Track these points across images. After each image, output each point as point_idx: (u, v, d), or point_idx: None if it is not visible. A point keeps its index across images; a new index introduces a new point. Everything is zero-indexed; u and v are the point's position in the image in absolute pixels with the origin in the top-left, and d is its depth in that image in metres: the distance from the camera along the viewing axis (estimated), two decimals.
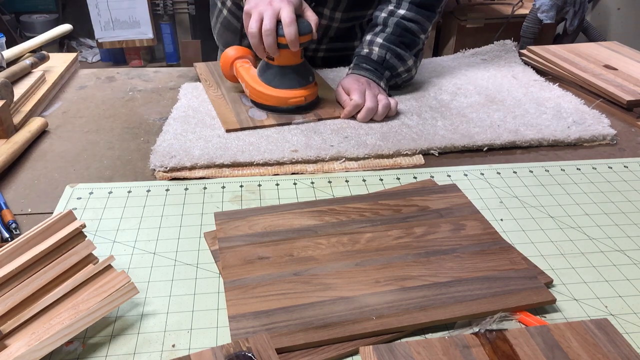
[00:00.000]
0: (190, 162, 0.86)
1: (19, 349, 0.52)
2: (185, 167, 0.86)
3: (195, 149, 0.90)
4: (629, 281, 0.65)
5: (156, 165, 0.86)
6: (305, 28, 0.94)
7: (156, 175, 0.85)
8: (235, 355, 0.52)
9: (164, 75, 1.25)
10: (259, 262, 0.66)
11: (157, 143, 0.92)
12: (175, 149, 0.90)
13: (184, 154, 0.88)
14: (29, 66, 1.13)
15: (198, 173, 0.86)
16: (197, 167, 0.86)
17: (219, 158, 0.87)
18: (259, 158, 0.88)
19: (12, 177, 0.86)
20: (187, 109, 1.04)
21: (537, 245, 0.71)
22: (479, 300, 0.60)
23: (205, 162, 0.86)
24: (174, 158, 0.87)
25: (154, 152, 0.89)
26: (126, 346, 0.56)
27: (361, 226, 0.72)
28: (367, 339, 0.56)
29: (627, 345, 0.54)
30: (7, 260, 0.57)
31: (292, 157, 0.88)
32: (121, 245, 0.71)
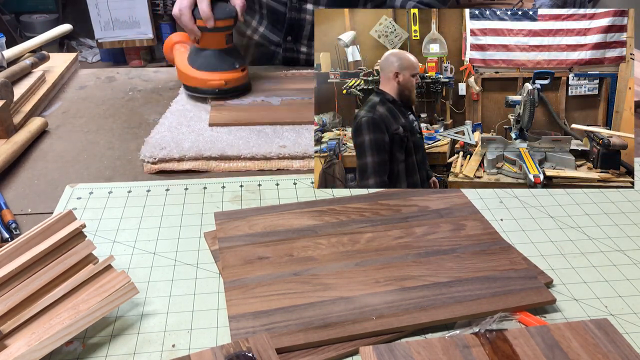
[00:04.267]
0: (179, 154, 0.87)
1: (19, 349, 0.52)
2: (174, 159, 0.87)
3: (185, 142, 0.91)
4: (629, 281, 0.65)
5: (145, 156, 0.87)
6: (228, 12, 1.00)
7: (144, 168, 0.86)
8: (235, 355, 0.52)
9: (164, 75, 1.25)
10: (259, 262, 0.66)
11: (150, 135, 0.94)
12: (167, 141, 0.91)
13: (174, 146, 0.89)
14: (29, 66, 1.13)
15: (185, 165, 0.87)
16: (185, 159, 0.87)
17: (207, 151, 0.88)
18: (247, 152, 0.88)
19: (12, 177, 0.86)
20: (185, 103, 1.06)
21: (537, 245, 0.71)
22: (479, 300, 0.60)
23: (194, 154, 0.87)
24: (164, 149, 0.88)
25: (146, 143, 0.91)
26: (126, 346, 0.56)
27: (361, 226, 0.72)
28: (367, 339, 0.56)
29: (627, 345, 0.54)
30: (7, 260, 0.57)
31: (279, 153, 0.88)
32: (121, 245, 0.71)
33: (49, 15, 3.25)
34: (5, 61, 1.13)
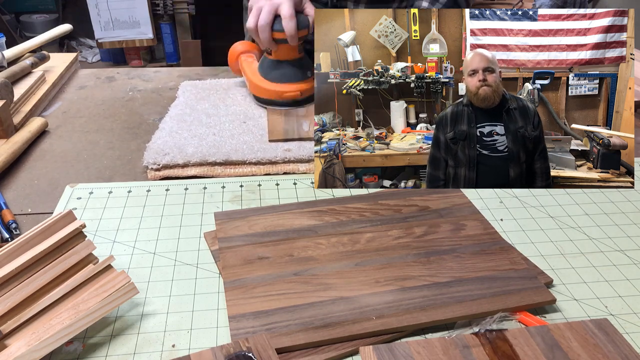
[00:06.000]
0: (183, 160, 0.86)
1: (19, 349, 0.52)
2: (178, 165, 0.86)
3: (189, 147, 0.90)
4: (629, 281, 0.65)
5: (149, 162, 0.86)
6: (304, 23, 0.95)
7: (148, 175, 0.86)
8: (235, 355, 0.52)
9: (164, 75, 1.25)
10: (259, 262, 0.66)
11: (152, 140, 0.93)
12: (170, 146, 0.90)
13: (178, 152, 0.88)
14: (29, 66, 1.13)
15: (190, 171, 0.86)
16: (190, 164, 0.86)
17: (212, 156, 0.87)
18: (252, 157, 0.88)
19: (12, 177, 0.86)
20: (184, 107, 1.05)
21: (537, 245, 0.71)
22: (479, 300, 0.60)
23: (198, 160, 0.87)
24: (167, 155, 0.87)
25: (148, 149, 0.90)
26: (126, 346, 0.56)
27: (361, 226, 0.72)
28: (367, 339, 0.56)
29: (627, 345, 0.54)
30: (7, 260, 0.57)
31: (284, 157, 0.88)
32: (121, 245, 0.71)
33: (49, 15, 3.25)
34: (5, 61, 1.13)
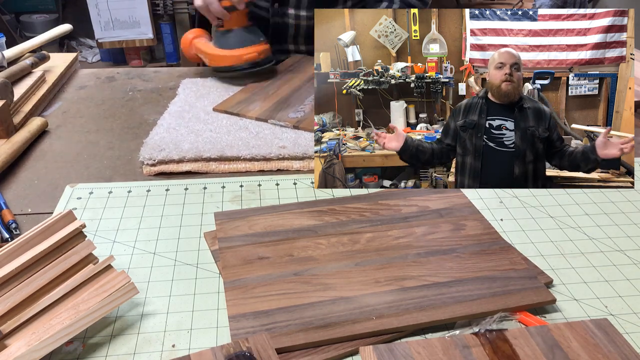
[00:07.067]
0: (179, 156, 0.87)
1: (19, 349, 0.52)
2: (173, 160, 0.87)
3: (185, 143, 0.91)
4: (629, 281, 0.65)
5: (145, 158, 0.87)
6: None
7: (143, 171, 0.86)
8: (235, 355, 0.52)
9: (164, 75, 1.25)
10: (259, 262, 0.66)
11: (149, 136, 0.93)
12: (166, 142, 0.91)
13: (173, 147, 0.89)
14: (29, 66, 1.13)
15: (184, 167, 0.87)
16: (185, 160, 0.87)
17: (207, 152, 0.88)
18: (246, 153, 0.88)
19: (12, 177, 0.86)
20: (183, 104, 1.06)
21: (537, 245, 0.71)
22: (479, 300, 0.60)
23: (193, 156, 0.87)
24: (163, 151, 0.88)
25: (145, 144, 0.91)
26: (126, 346, 0.56)
27: (361, 226, 0.72)
28: (367, 339, 0.56)
29: (627, 345, 0.54)
30: (7, 260, 0.57)
31: (279, 154, 0.88)
32: (121, 245, 0.71)
33: (49, 15, 3.25)
34: (5, 61, 1.13)
